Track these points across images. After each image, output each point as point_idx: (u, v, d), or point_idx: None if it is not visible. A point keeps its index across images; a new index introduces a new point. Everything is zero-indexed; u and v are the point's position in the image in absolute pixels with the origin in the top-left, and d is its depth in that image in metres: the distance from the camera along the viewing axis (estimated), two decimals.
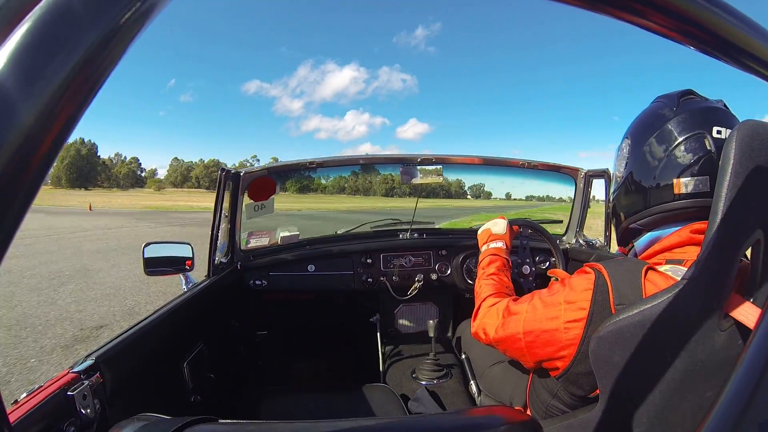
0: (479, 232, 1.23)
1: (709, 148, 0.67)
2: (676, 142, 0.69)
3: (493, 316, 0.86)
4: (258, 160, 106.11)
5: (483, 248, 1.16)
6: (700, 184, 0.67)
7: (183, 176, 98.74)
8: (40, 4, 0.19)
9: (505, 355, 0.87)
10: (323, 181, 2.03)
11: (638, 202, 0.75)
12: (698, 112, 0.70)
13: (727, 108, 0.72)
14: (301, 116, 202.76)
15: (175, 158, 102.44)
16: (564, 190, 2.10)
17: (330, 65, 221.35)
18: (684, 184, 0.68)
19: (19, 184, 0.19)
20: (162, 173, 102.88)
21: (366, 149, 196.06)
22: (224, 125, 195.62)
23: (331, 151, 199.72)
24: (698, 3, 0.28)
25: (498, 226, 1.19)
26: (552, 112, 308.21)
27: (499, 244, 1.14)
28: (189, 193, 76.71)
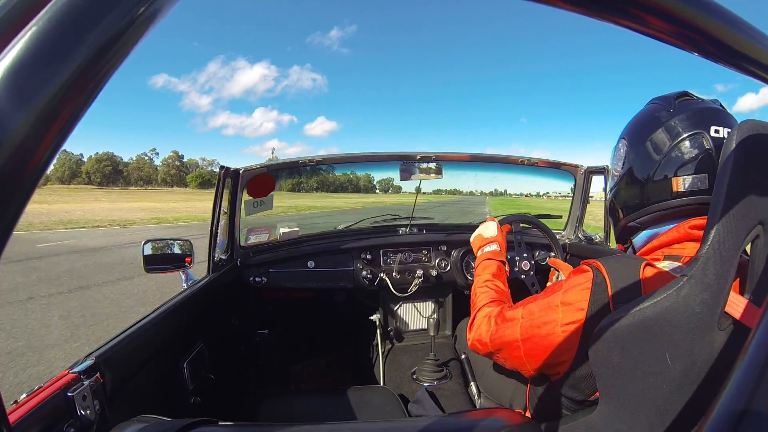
0: (471, 239, 1.23)
1: (707, 147, 0.67)
2: (675, 141, 0.69)
3: (487, 325, 0.85)
4: (157, 154, 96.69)
5: (478, 254, 1.16)
6: (699, 182, 0.67)
7: (72, 171, 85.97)
8: (45, 9, 0.20)
9: (504, 366, 0.86)
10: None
11: (636, 200, 0.75)
12: (696, 113, 0.70)
13: (724, 108, 0.72)
14: (209, 112, 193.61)
15: (64, 150, 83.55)
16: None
17: (241, 62, 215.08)
18: (682, 182, 0.68)
19: (16, 186, 0.19)
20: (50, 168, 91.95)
21: (273, 145, 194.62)
22: (127, 118, 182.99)
23: (237, 147, 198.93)
24: (697, 7, 0.28)
25: (489, 229, 1.19)
26: (461, 111, 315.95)
27: (493, 247, 1.13)
28: (72, 192, 54.25)
